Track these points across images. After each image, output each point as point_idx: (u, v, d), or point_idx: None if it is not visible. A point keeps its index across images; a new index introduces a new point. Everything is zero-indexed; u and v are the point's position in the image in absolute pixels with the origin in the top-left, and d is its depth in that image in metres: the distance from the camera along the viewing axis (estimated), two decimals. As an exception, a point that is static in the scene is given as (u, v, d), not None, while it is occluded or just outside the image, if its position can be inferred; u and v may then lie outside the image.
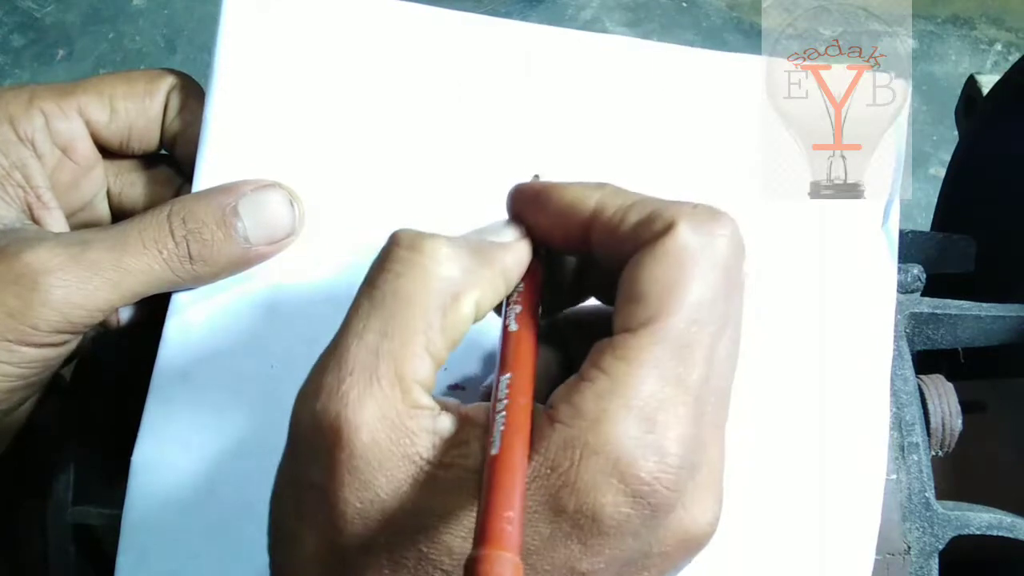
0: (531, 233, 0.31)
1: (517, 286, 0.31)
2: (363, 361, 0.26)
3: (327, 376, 0.26)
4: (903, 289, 0.45)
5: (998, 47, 1.50)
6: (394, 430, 0.26)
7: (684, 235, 0.27)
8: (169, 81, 0.41)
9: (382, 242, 0.40)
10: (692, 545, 0.27)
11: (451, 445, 0.27)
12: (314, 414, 0.26)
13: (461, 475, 0.26)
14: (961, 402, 0.44)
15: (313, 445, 0.26)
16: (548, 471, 0.25)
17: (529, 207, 0.31)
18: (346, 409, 0.26)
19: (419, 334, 0.27)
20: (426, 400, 0.27)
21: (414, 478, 0.26)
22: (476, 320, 0.29)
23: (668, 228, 0.28)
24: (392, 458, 0.26)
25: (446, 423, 0.27)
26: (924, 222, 0.72)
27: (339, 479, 0.26)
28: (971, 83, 0.63)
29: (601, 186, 0.30)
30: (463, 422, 0.27)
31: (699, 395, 0.26)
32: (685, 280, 0.27)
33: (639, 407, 0.25)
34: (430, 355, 0.28)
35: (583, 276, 0.33)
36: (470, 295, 0.28)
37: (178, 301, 0.39)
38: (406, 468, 0.26)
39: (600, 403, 0.25)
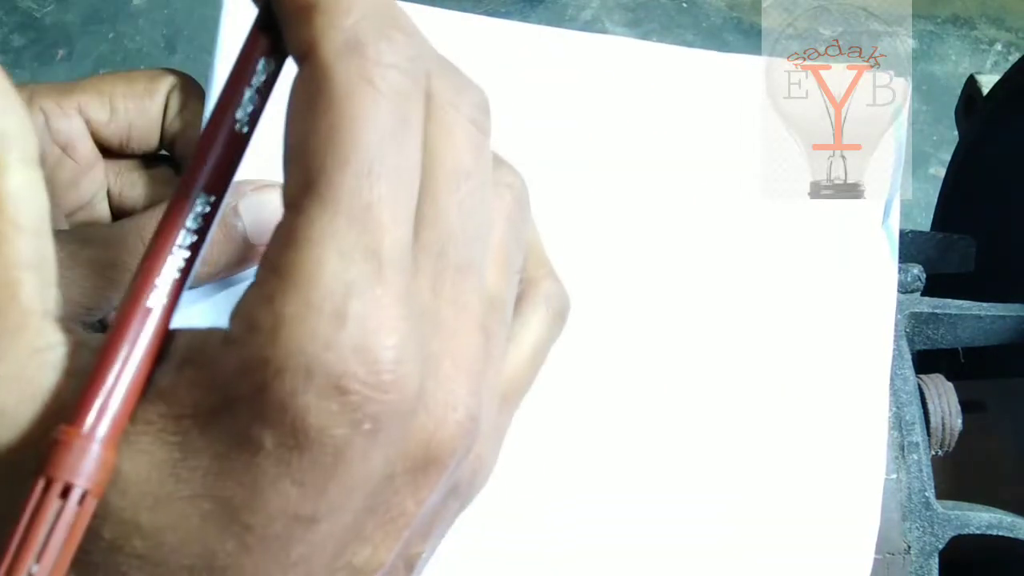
0: None
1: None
2: None
3: None
4: (903, 289, 0.45)
5: (998, 47, 1.50)
6: (18, 390, 0.21)
7: (329, 65, 0.21)
8: (169, 81, 0.41)
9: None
10: (445, 453, 0.22)
11: None
12: None
13: None
14: (961, 402, 0.44)
15: None
16: (230, 403, 0.20)
17: None
18: None
19: None
20: (46, 337, 0.21)
21: None
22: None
23: (308, 51, 0.21)
24: (27, 424, 0.20)
25: (86, 358, 0.21)
26: (924, 222, 0.72)
27: None
28: (971, 83, 0.63)
29: None
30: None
31: (403, 265, 0.20)
32: (345, 123, 0.20)
33: (322, 300, 0.19)
34: (25, 266, 0.21)
35: None
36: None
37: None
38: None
39: (274, 307, 0.19)
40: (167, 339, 0.21)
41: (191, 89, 0.42)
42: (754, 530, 0.38)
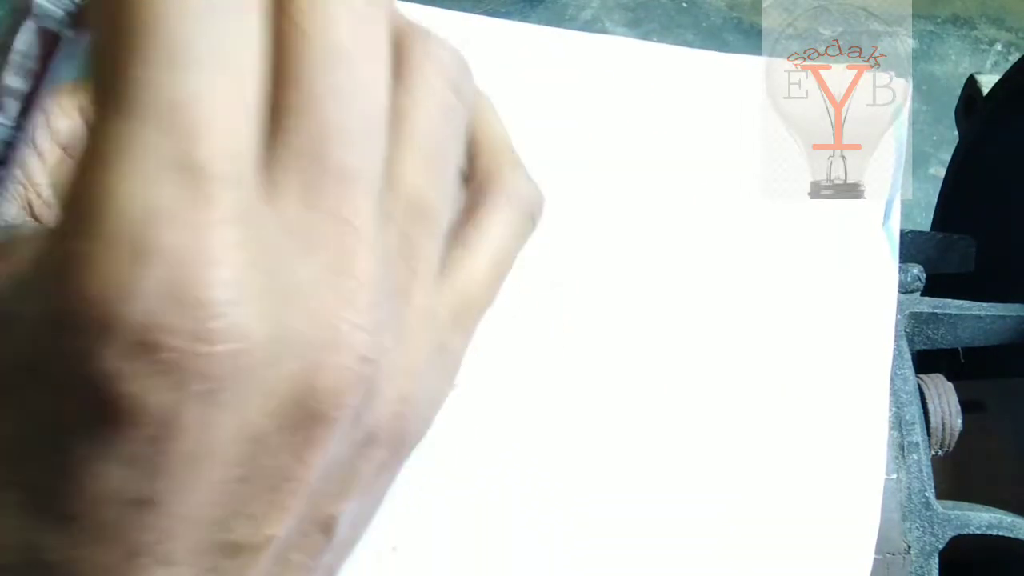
0: None
1: None
2: None
3: None
4: (903, 289, 0.45)
5: (998, 47, 1.50)
6: None
7: None
8: (169, 81, 0.41)
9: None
10: (329, 405, 0.18)
11: None
12: None
13: None
14: (961, 402, 0.44)
15: None
16: (29, 372, 0.16)
17: None
18: None
19: None
20: None
21: None
22: None
23: None
24: None
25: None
26: (924, 222, 0.72)
27: None
28: (971, 83, 0.63)
29: None
30: None
31: (237, 176, 0.16)
32: (144, 5, 0.15)
33: (120, 232, 0.15)
34: None
35: None
36: None
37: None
38: None
39: (63, 247, 0.16)
40: None
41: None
42: (754, 530, 0.38)
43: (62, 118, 0.40)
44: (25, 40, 0.18)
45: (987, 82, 0.61)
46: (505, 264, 0.23)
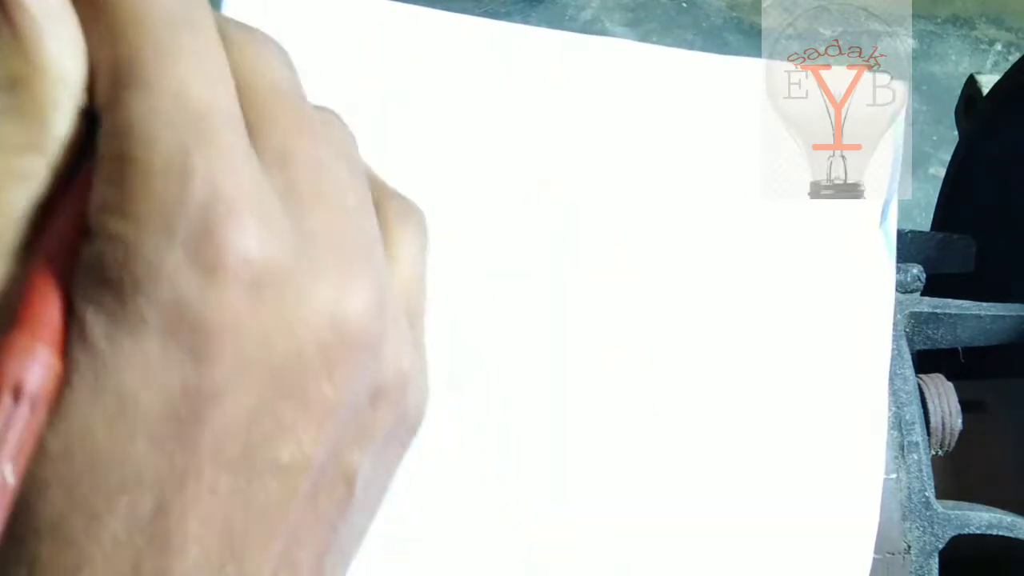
0: None
1: None
2: None
3: None
4: (903, 289, 0.45)
5: (998, 47, 1.50)
6: None
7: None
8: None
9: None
10: (355, 329, 0.20)
11: None
12: None
13: None
14: (961, 401, 0.44)
15: None
16: (108, 285, 0.19)
17: None
18: None
19: None
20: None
21: None
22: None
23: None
24: None
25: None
26: (924, 222, 0.72)
27: None
28: (971, 83, 0.63)
29: None
30: None
31: (236, 126, 0.20)
32: (136, 13, 0.19)
33: (164, 163, 0.19)
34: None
35: None
36: None
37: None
38: None
39: (122, 174, 0.18)
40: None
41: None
42: (753, 530, 0.38)
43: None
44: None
45: (987, 82, 0.61)
46: (422, 267, 0.25)
